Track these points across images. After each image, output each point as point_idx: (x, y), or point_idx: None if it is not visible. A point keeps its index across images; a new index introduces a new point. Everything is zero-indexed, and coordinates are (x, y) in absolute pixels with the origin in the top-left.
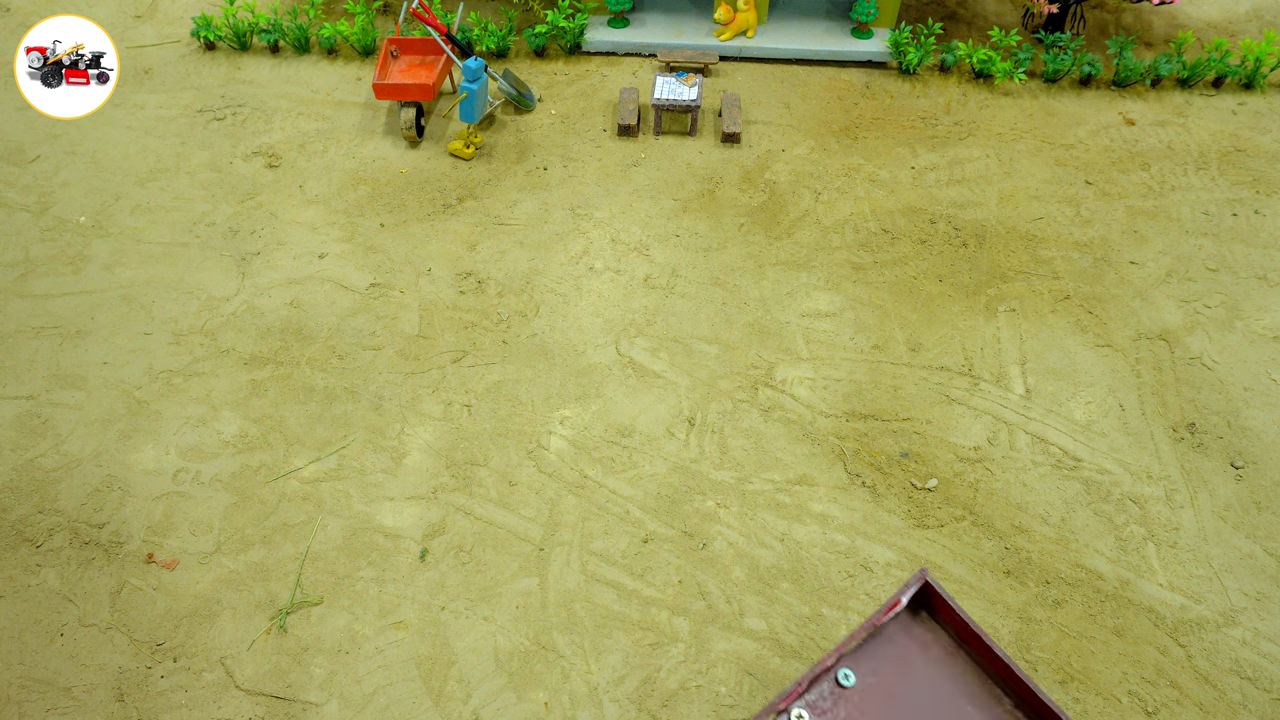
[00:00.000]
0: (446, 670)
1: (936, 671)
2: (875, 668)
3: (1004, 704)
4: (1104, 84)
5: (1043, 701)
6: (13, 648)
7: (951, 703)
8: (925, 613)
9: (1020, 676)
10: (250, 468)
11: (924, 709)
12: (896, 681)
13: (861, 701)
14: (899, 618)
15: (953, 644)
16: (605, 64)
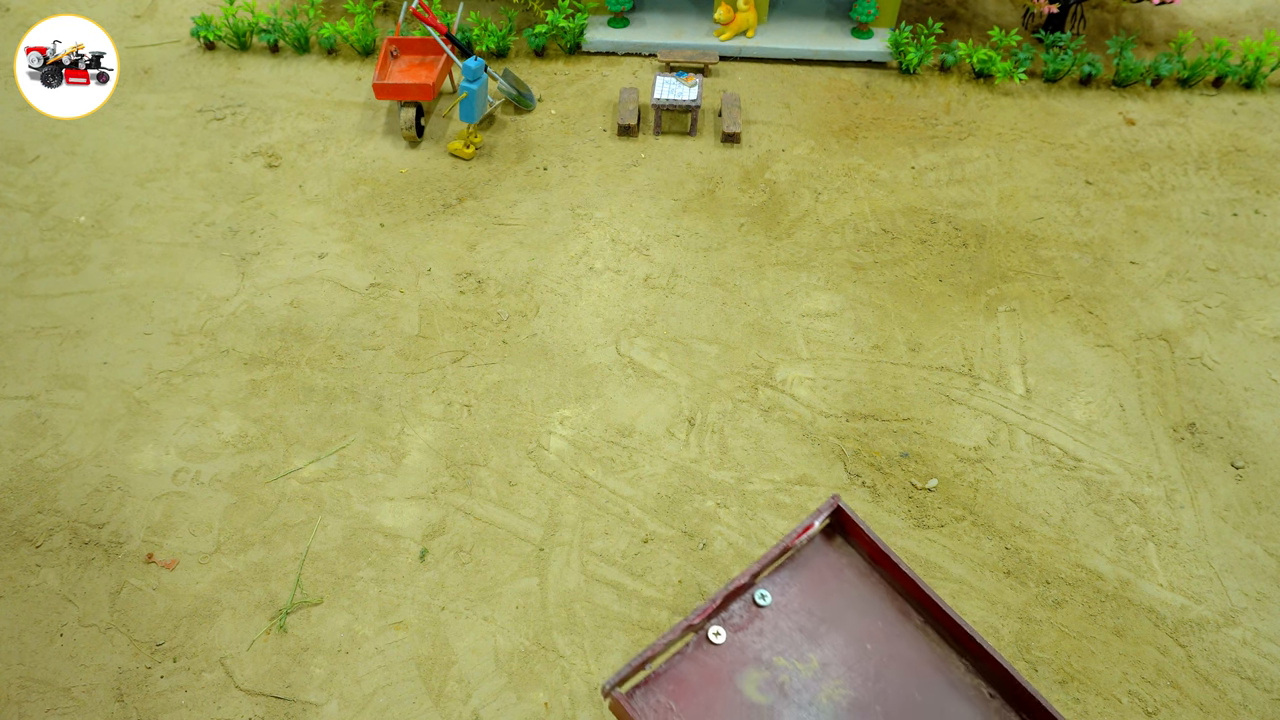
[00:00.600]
0: (446, 670)
1: (850, 592)
2: (791, 589)
3: (913, 620)
4: (1104, 84)
5: (949, 616)
6: (12, 648)
7: (863, 620)
8: (840, 537)
9: (929, 594)
10: (250, 468)
11: (837, 626)
12: (811, 601)
13: (776, 620)
14: (815, 542)
15: (866, 566)
16: (605, 64)
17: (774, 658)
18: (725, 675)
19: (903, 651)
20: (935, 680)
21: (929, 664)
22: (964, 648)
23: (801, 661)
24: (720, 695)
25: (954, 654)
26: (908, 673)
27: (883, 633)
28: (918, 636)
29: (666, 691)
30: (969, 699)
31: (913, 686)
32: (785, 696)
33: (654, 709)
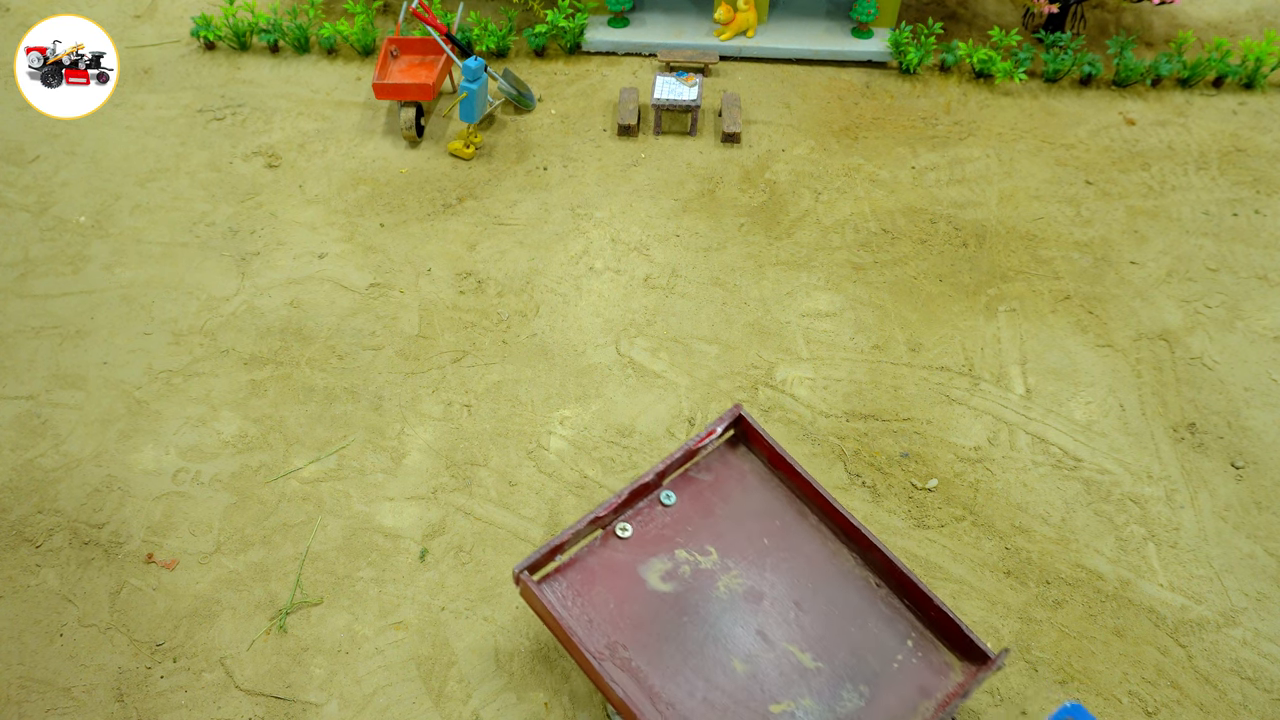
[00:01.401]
0: (446, 670)
1: (750, 494)
2: (695, 491)
3: (809, 519)
4: (1104, 84)
5: (842, 515)
6: (12, 648)
7: (762, 519)
8: (743, 445)
9: (824, 495)
10: (250, 468)
11: (738, 524)
12: (714, 501)
13: (681, 518)
14: (720, 449)
15: (766, 471)
16: (605, 64)
17: (676, 551)
18: (630, 567)
19: (798, 546)
20: (828, 571)
21: (822, 557)
22: (855, 543)
23: (702, 554)
24: (625, 584)
25: (845, 549)
26: (802, 565)
27: (780, 530)
28: (813, 534)
29: (574, 580)
30: (858, 587)
31: (806, 577)
32: (686, 585)
33: (560, 595)
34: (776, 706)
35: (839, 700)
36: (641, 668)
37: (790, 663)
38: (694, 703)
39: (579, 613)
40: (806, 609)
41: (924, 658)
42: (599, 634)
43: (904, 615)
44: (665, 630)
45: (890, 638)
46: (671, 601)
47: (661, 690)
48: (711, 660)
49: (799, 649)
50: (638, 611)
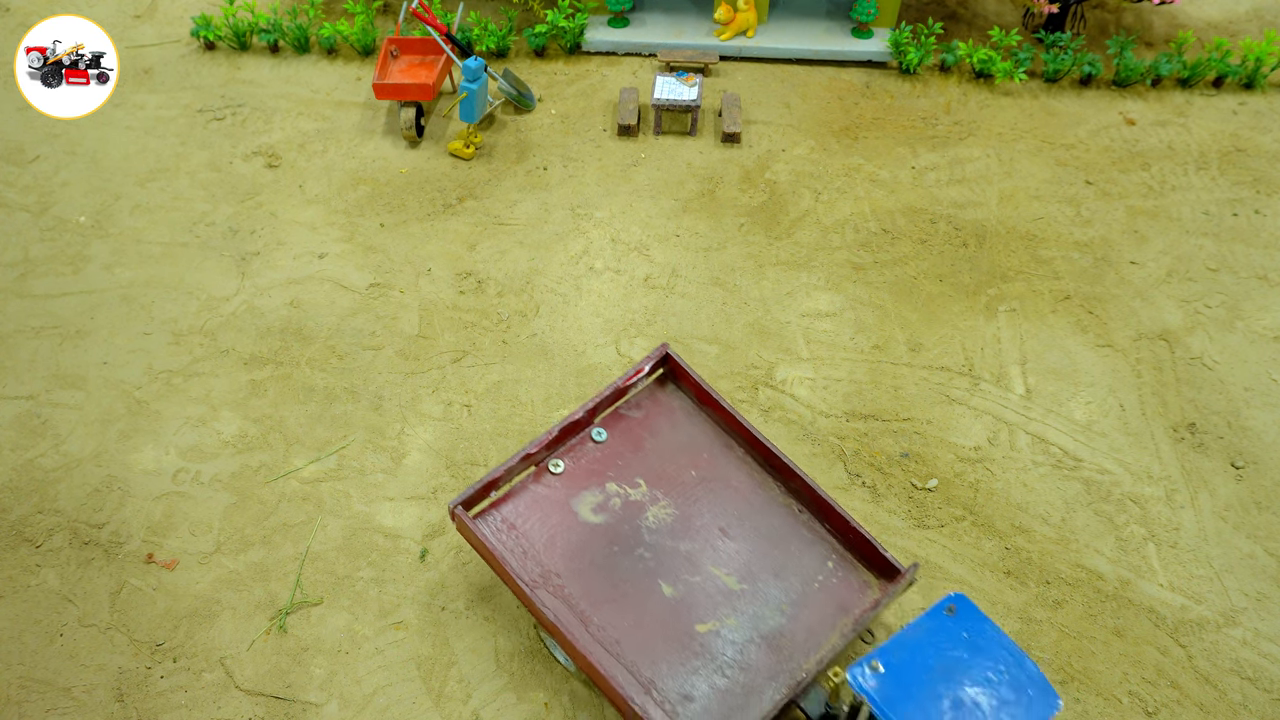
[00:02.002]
0: (446, 670)
1: (679, 429)
2: (625, 427)
3: (736, 452)
4: (1104, 84)
5: (767, 447)
6: (13, 648)
7: (690, 453)
8: (671, 383)
9: (750, 429)
10: (250, 468)
11: (666, 458)
12: (644, 437)
13: (611, 453)
14: (649, 388)
15: (694, 407)
16: (605, 64)
17: (607, 484)
18: (562, 500)
19: (724, 477)
20: (753, 499)
21: (747, 487)
22: (779, 474)
23: (632, 487)
24: (557, 517)
25: (770, 479)
26: (728, 494)
27: (707, 462)
28: (739, 465)
29: (508, 515)
30: (781, 515)
31: (732, 506)
32: (617, 517)
33: (495, 529)
34: (702, 626)
35: (762, 619)
36: (574, 594)
37: (716, 586)
38: (624, 625)
39: (513, 544)
40: (732, 536)
41: (844, 578)
42: (532, 564)
43: (825, 539)
44: (596, 559)
45: (811, 560)
46: (602, 532)
47: (592, 615)
48: (641, 586)
49: (724, 573)
50: (570, 542)
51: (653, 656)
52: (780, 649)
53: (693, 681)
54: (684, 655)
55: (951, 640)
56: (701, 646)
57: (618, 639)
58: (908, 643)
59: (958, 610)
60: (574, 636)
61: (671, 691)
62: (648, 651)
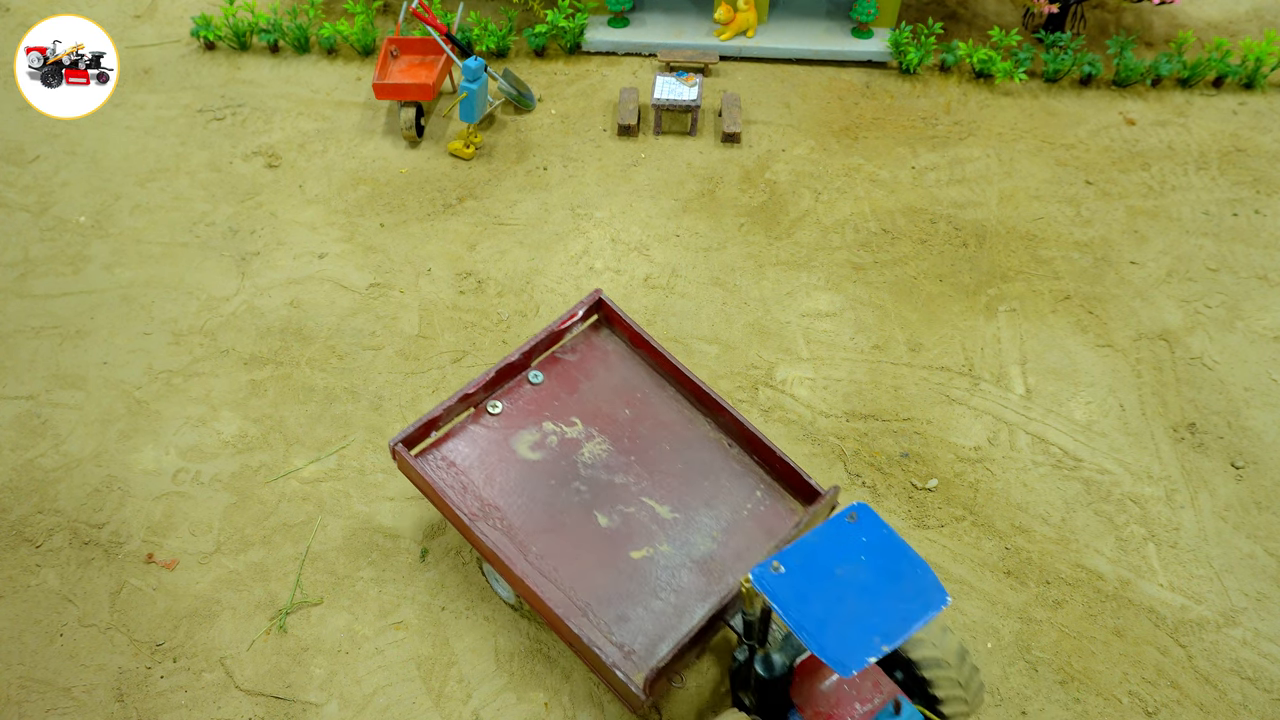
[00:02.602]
0: (446, 670)
1: (613, 371)
2: (561, 370)
3: (668, 390)
4: (1104, 84)
5: (698, 385)
6: (13, 648)
7: (624, 393)
8: (606, 328)
9: (682, 369)
10: (250, 468)
11: (601, 398)
12: (579, 378)
13: (548, 394)
14: (584, 333)
15: (627, 349)
16: (605, 64)
17: (544, 423)
18: (501, 439)
19: (657, 415)
20: (684, 435)
21: (679, 424)
22: (709, 410)
23: (568, 425)
24: (496, 455)
25: (701, 415)
26: (661, 431)
27: (640, 401)
28: (671, 403)
29: (448, 453)
30: (711, 448)
31: (664, 441)
32: (554, 454)
33: (435, 465)
34: (636, 553)
35: (693, 544)
36: (513, 526)
37: (649, 515)
38: (562, 553)
39: (452, 480)
40: (664, 469)
41: (771, 505)
42: (472, 499)
43: (754, 470)
44: (535, 493)
45: (740, 490)
46: (540, 468)
47: (531, 544)
48: (577, 517)
49: (657, 503)
50: (509, 478)
51: (589, 582)
52: (711, 572)
53: (627, 604)
54: (619, 580)
55: (850, 544)
56: (636, 571)
57: (555, 566)
58: (808, 546)
59: (859, 518)
60: (513, 564)
61: (608, 613)
62: (585, 577)
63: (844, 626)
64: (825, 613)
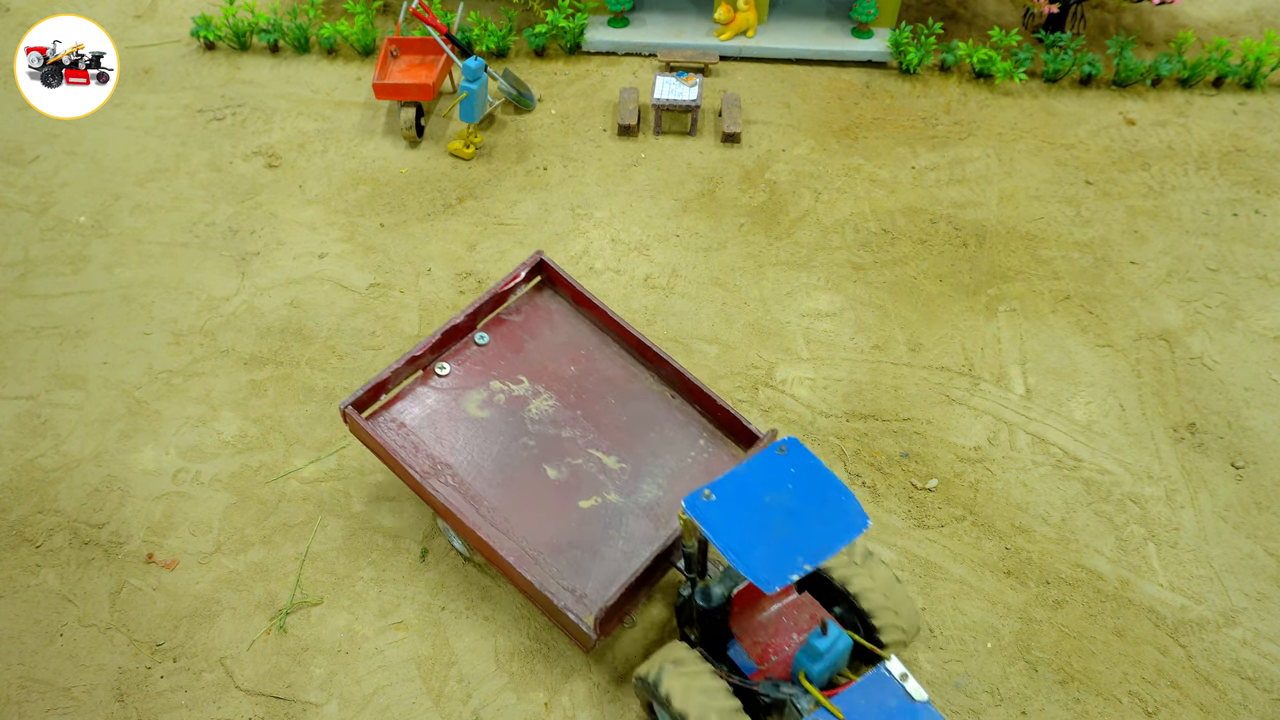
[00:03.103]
0: (446, 670)
1: (558, 330)
2: (506, 331)
3: (612, 347)
4: (1104, 84)
5: (641, 341)
6: (13, 648)
7: (569, 351)
8: (549, 289)
9: (624, 326)
10: (250, 468)
11: (547, 356)
12: (524, 338)
13: (494, 354)
14: (528, 294)
15: (570, 309)
16: (605, 64)
17: (491, 383)
18: (450, 399)
19: (601, 371)
20: (628, 389)
21: (624, 378)
22: (652, 364)
23: (515, 384)
24: (445, 414)
25: (644, 370)
26: (605, 386)
27: (585, 358)
28: (615, 359)
29: (398, 414)
30: (655, 400)
31: (610, 395)
32: (501, 411)
33: (385, 427)
34: (585, 502)
35: (641, 492)
36: (465, 481)
37: (597, 465)
38: (513, 506)
39: (403, 440)
40: (610, 421)
41: (714, 452)
42: (424, 457)
43: (696, 420)
44: (485, 449)
45: (684, 439)
46: (489, 425)
47: (483, 498)
48: (527, 470)
49: (604, 454)
50: (458, 436)
51: (540, 532)
52: (658, 517)
53: (578, 551)
54: (569, 529)
55: (779, 474)
56: (585, 520)
57: (507, 518)
58: (739, 476)
59: (789, 450)
60: (465, 517)
61: (559, 561)
62: (536, 527)
63: (769, 548)
64: (752, 536)
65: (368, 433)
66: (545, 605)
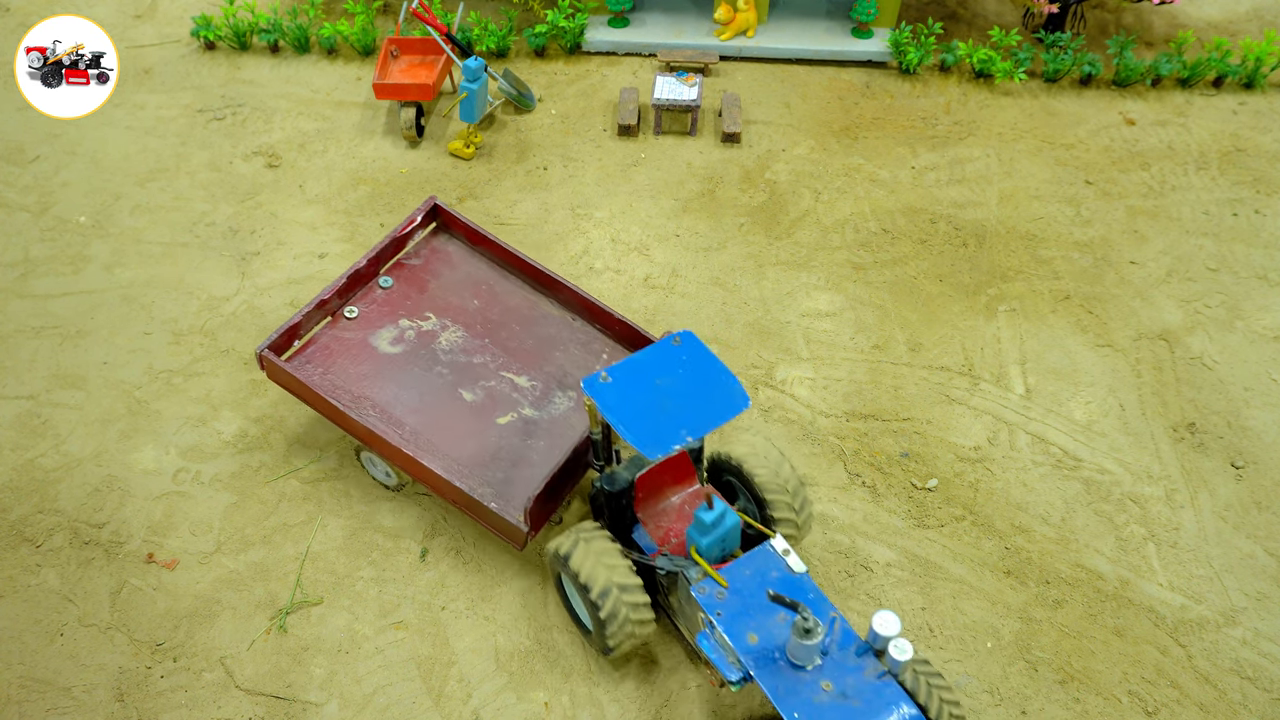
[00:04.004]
0: (446, 670)
1: (458, 269)
2: (409, 274)
3: (512, 279)
4: (1104, 84)
5: (539, 270)
6: (13, 648)
7: (471, 286)
8: (445, 232)
9: (522, 257)
10: (250, 468)
11: (450, 293)
12: (427, 280)
13: (399, 295)
14: (426, 239)
15: (468, 248)
16: (605, 64)
17: (400, 321)
18: (361, 339)
19: (504, 302)
20: (531, 315)
21: (525, 306)
22: (551, 290)
23: (423, 320)
24: (359, 352)
25: (544, 296)
26: (509, 315)
27: (487, 292)
28: (515, 290)
29: (313, 356)
30: (557, 323)
31: (514, 322)
32: (412, 345)
33: (303, 367)
34: (502, 419)
35: (551, 405)
36: (386, 411)
37: (509, 385)
38: (435, 428)
39: (320, 378)
40: (517, 346)
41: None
42: (343, 393)
43: (598, 337)
44: (401, 381)
45: (587, 355)
46: (402, 359)
47: (405, 422)
48: (444, 396)
49: (515, 374)
50: (375, 371)
51: (463, 448)
52: (571, 425)
53: (501, 462)
54: (490, 443)
55: (672, 362)
56: (504, 434)
57: (430, 439)
58: (635, 362)
59: (682, 341)
60: (390, 439)
61: (485, 471)
62: (459, 445)
63: (656, 422)
64: (642, 412)
65: (288, 373)
66: (477, 510)
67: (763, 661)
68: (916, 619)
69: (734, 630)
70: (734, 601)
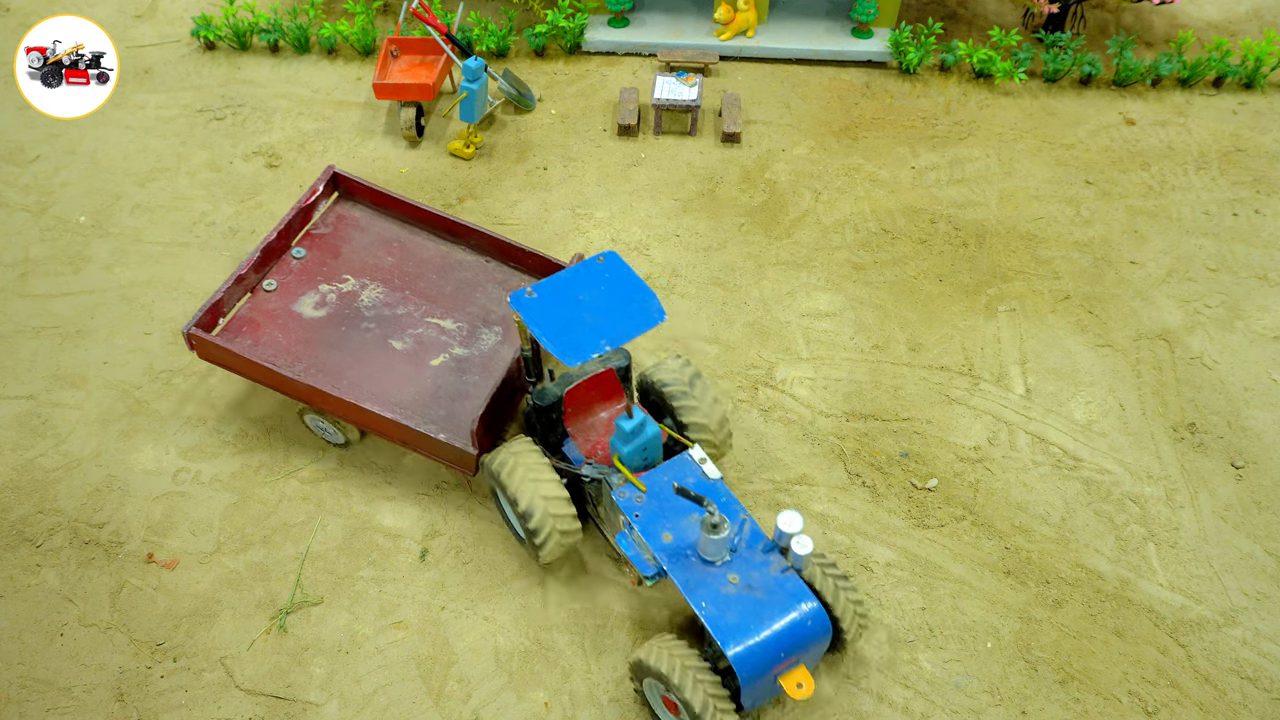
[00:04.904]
0: (446, 670)
1: (367, 231)
2: (320, 243)
3: (422, 233)
4: (1104, 84)
5: (448, 219)
6: (13, 648)
7: (383, 245)
8: (349, 200)
9: (429, 210)
10: (250, 468)
11: (364, 254)
12: (339, 245)
13: (314, 264)
14: (331, 208)
15: (374, 211)
16: (605, 64)
17: (319, 286)
18: (284, 308)
19: (417, 254)
20: (446, 263)
21: (438, 256)
22: (461, 237)
23: (341, 283)
24: (284, 321)
25: (456, 245)
26: (424, 266)
27: (399, 248)
28: (426, 242)
29: (239, 330)
30: (473, 267)
31: (430, 271)
32: (336, 307)
33: (230, 340)
34: (435, 360)
35: (480, 341)
36: (321, 370)
37: (436, 329)
38: (371, 378)
39: (250, 348)
40: (437, 293)
41: None
42: (278, 358)
43: (514, 274)
44: (330, 341)
45: (506, 292)
46: (328, 321)
47: (343, 378)
48: (375, 348)
49: (439, 319)
50: (302, 336)
51: (403, 392)
52: (502, 357)
53: (441, 398)
54: (427, 383)
55: (595, 279)
56: (439, 374)
57: (371, 389)
58: (559, 280)
59: (606, 260)
60: (333, 390)
61: (428, 410)
62: (397, 389)
63: (577, 333)
64: (564, 324)
65: (220, 347)
66: (427, 445)
67: (675, 557)
68: (916, 619)
69: (650, 530)
70: (651, 504)
